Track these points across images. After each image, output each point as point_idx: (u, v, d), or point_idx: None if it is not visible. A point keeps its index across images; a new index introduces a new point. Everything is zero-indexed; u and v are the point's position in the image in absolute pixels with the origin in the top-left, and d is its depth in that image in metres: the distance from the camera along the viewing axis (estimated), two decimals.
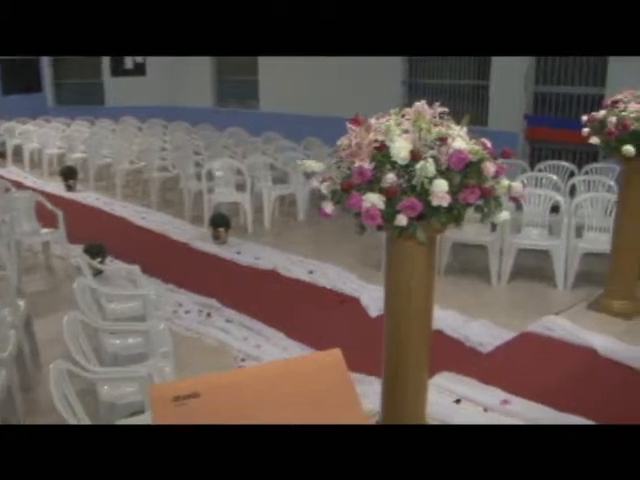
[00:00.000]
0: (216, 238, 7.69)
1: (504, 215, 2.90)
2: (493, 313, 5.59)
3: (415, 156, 2.68)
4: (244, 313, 5.63)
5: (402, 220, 2.67)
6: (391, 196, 2.66)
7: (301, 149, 9.95)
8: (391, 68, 10.63)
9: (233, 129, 12.06)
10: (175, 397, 1.49)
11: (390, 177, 2.68)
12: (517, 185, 2.90)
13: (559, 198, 6.49)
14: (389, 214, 2.69)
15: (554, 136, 8.86)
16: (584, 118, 5.24)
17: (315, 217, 7.48)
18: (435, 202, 2.67)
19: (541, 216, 6.53)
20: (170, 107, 14.95)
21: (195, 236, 8.05)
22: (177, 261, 7.26)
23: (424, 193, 2.67)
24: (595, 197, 6.55)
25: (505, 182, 2.90)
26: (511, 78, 9.30)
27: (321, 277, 6.46)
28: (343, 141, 2.92)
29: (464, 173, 2.74)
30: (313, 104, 11.75)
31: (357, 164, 2.74)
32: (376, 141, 2.75)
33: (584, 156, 8.60)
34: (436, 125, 2.84)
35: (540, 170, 8.05)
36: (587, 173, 7.74)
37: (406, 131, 2.81)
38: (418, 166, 2.63)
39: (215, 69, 14.74)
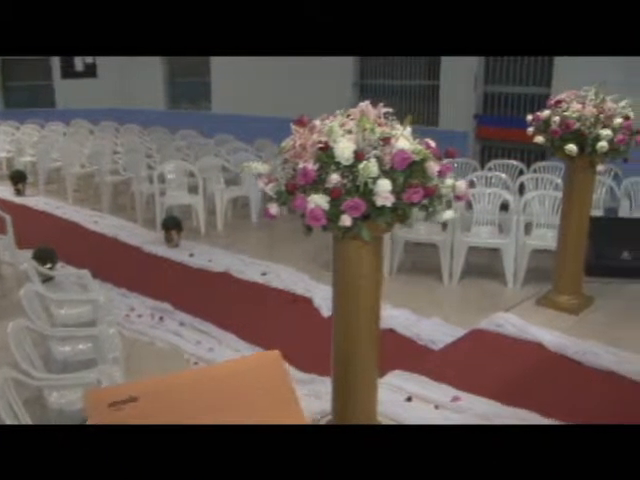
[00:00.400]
0: (168, 241, 7.63)
1: (449, 214, 2.93)
2: (445, 311, 5.66)
3: (359, 156, 2.70)
4: (197, 316, 5.60)
5: (346, 220, 2.68)
6: (335, 196, 2.68)
7: (254, 150, 9.94)
8: (342, 69, 10.68)
9: (185, 131, 11.98)
10: (112, 402, 1.48)
11: (334, 177, 2.69)
12: (461, 184, 2.94)
13: (508, 196, 6.60)
14: (333, 214, 2.70)
15: (503, 135, 9.00)
16: (529, 118, 5.34)
17: (275, 218, 7.51)
18: (379, 202, 2.69)
19: (491, 214, 6.63)
20: (122, 109, 14.79)
21: (147, 239, 7.97)
22: (129, 265, 7.18)
23: (368, 193, 2.69)
24: (543, 195, 6.66)
25: (449, 181, 2.93)
26: (461, 78, 9.42)
27: (274, 278, 6.46)
28: (288, 142, 2.92)
29: (408, 173, 2.77)
30: (265, 105, 11.74)
31: (301, 165, 2.75)
32: (320, 142, 2.76)
33: (532, 155, 8.75)
34: (380, 125, 2.86)
35: (490, 169, 8.18)
36: (535, 171, 7.89)
37: (350, 131, 2.82)
38: (361, 166, 2.65)
39: (167, 71, 14.64)
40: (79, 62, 15.46)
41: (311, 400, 4.14)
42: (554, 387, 4.33)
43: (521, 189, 7.53)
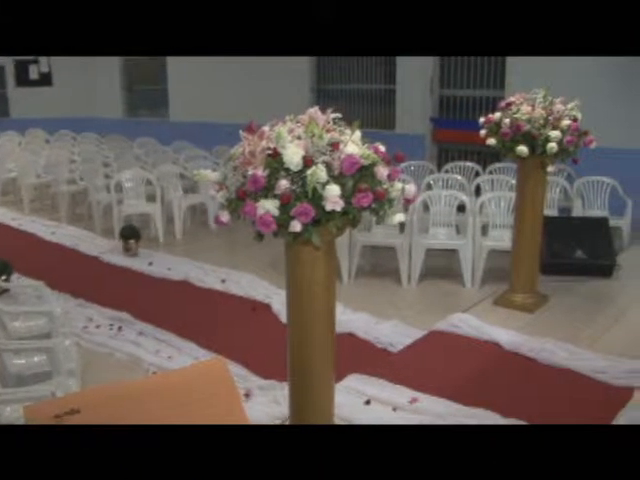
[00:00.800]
0: (127, 250, 7.57)
1: (398, 217, 2.96)
2: (404, 313, 5.70)
3: (307, 162, 2.71)
4: (156, 325, 5.55)
5: (296, 226, 2.69)
6: (285, 202, 2.69)
7: (212, 157, 9.91)
8: (299, 74, 10.72)
9: (143, 139, 11.90)
10: (54, 415, 1.47)
11: (283, 183, 2.70)
12: (410, 187, 2.97)
13: (464, 198, 6.67)
14: (283, 220, 2.71)
15: (459, 138, 9.11)
16: (481, 120, 5.42)
17: (227, 225, 7.52)
18: (328, 207, 2.70)
19: (448, 216, 6.70)
20: (79, 118, 14.64)
21: (106, 249, 7.89)
22: (87, 275, 7.10)
23: (317, 198, 2.70)
24: (498, 196, 6.76)
25: (399, 185, 2.96)
26: (416, 82, 9.52)
27: (233, 285, 6.44)
28: (237, 149, 2.92)
29: (357, 177, 2.79)
30: (223, 112, 11.73)
31: (250, 172, 2.76)
32: (269, 148, 2.77)
33: (488, 156, 8.87)
34: (329, 131, 2.88)
35: (447, 171, 8.28)
36: (491, 173, 8.00)
37: (299, 137, 2.83)
38: (309, 172, 2.66)
39: (124, 78, 14.52)
40: (34, 70, 15.25)
41: (271, 406, 4.14)
42: (511, 385, 4.39)
43: (477, 190, 7.63)
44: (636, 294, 5.95)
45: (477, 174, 8.23)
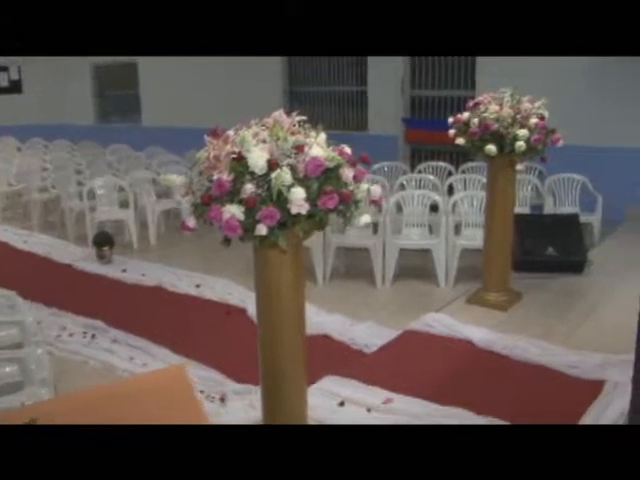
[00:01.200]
0: (101, 257, 7.51)
1: (364, 218, 2.97)
2: (379, 314, 5.71)
3: (272, 165, 2.71)
4: (131, 332, 5.52)
5: (262, 229, 2.69)
6: (250, 206, 2.68)
7: (185, 162, 9.86)
8: (272, 77, 10.72)
9: (116, 145, 11.83)
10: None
11: (249, 187, 2.70)
12: (375, 188, 2.98)
13: (437, 198, 6.70)
14: (249, 224, 2.71)
15: (431, 138, 9.16)
16: (450, 120, 5.45)
17: (201, 230, 7.51)
18: (294, 210, 2.70)
19: (421, 216, 6.72)
20: (51, 125, 14.51)
21: (79, 257, 7.82)
22: (61, 284, 7.03)
23: (283, 201, 2.70)
24: (470, 195, 6.80)
25: (364, 186, 2.97)
26: (388, 83, 9.56)
27: (208, 290, 6.42)
28: (202, 154, 2.92)
29: (322, 180, 2.79)
30: (195, 116, 11.69)
31: (216, 176, 2.75)
32: (233, 152, 2.76)
33: (461, 156, 8.93)
34: (293, 134, 2.88)
35: (420, 171, 8.32)
36: (464, 172, 8.06)
37: (264, 141, 2.83)
38: (273, 175, 2.66)
39: (95, 84, 14.43)
40: (3, 77, 15.10)
41: (247, 410, 4.13)
42: (485, 383, 4.41)
43: (450, 190, 7.68)
44: (607, 289, 6.02)
45: (450, 174, 8.28)
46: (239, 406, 4.23)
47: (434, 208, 6.76)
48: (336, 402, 4.12)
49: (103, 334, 5.54)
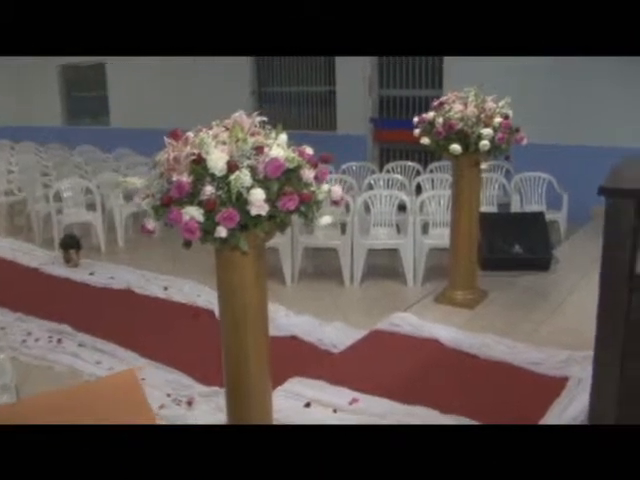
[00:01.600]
0: (67, 261, 7.43)
1: (325, 219, 2.97)
2: (347, 314, 5.72)
3: (232, 167, 2.70)
4: (98, 336, 5.47)
5: (222, 232, 2.68)
6: (210, 208, 2.67)
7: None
8: (240, 78, 10.69)
9: (84, 147, 11.72)
10: None
11: (208, 189, 2.69)
12: (336, 189, 2.98)
13: (405, 197, 6.73)
14: (209, 226, 2.70)
15: (399, 137, 9.17)
16: (415, 120, 5.47)
17: (170, 232, 7.49)
18: (254, 211, 2.69)
19: (388, 216, 6.74)
20: (18, 127, 14.33)
21: (46, 260, 7.74)
22: (27, 288, 6.95)
23: (242, 203, 2.69)
24: (438, 194, 6.83)
25: (325, 187, 2.97)
26: (356, 83, 9.58)
27: (176, 292, 6.39)
28: (162, 155, 2.90)
29: (282, 181, 2.79)
30: (164, 118, 11.61)
31: (175, 178, 2.74)
32: (193, 154, 2.75)
33: (429, 155, 8.97)
34: (253, 135, 2.87)
35: (388, 171, 8.35)
36: (431, 171, 8.10)
37: (224, 142, 2.82)
38: (232, 177, 2.65)
39: (63, 86, 14.27)
40: None
41: (214, 413, 4.12)
42: (451, 382, 4.43)
43: (418, 189, 7.71)
44: (572, 286, 6.08)
45: (418, 173, 8.32)
46: (206, 409, 4.21)
47: (402, 208, 6.79)
48: (302, 403, 4.12)
49: (69, 338, 5.49)
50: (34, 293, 6.76)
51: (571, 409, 3.94)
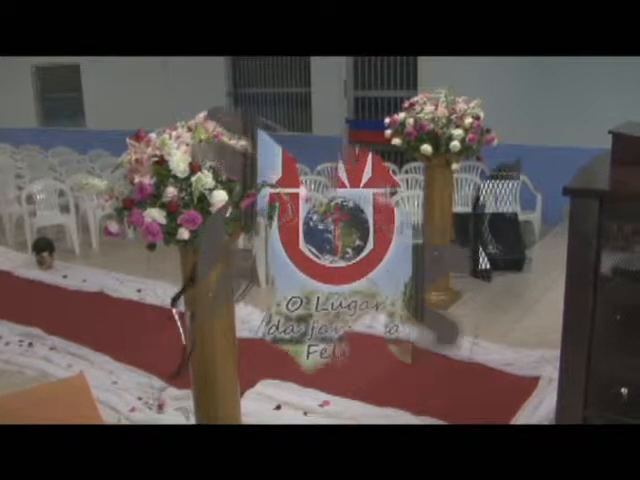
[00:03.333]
0: (41, 263, 7.37)
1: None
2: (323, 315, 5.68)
3: (194, 168, 2.68)
4: (70, 339, 5.42)
5: (184, 234, 2.66)
6: (172, 210, 2.65)
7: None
8: (215, 79, 10.65)
9: (58, 149, 11.62)
10: None
11: (170, 191, 2.66)
12: (302, 190, 2.97)
13: None
14: (171, 228, 2.67)
15: (375, 138, 9.13)
16: (386, 121, 5.47)
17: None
18: None
19: None
20: None
21: (19, 263, 7.67)
22: None
23: (205, 205, 2.67)
24: (412, 195, 6.84)
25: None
26: (331, 84, 9.58)
27: (149, 295, 6.35)
28: (125, 157, 2.87)
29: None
30: (138, 119, 11.53)
31: (137, 180, 2.71)
32: (155, 156, 2.72)
33: (405, 156, 8.98)
34: (217, 136, 2.85)
35: None
36: (407, 172, 8.11)
37: (187, 144, 2.80)
38: (194, 178, 2.63)
39: (37, 87, 14.14)
40: None
41: (186, 416, 4.08)
42: (423, 383, 4.43)
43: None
44: (545, 286, 6.10)
45: (394, 174, 8.31)
46: (177, 412, 4.18)
47: None
48: (272, 406, 4.10)
49: (40, 342, 5.44)
50: (6, 296, 6.68)
51: (542, 408, 3.95)
